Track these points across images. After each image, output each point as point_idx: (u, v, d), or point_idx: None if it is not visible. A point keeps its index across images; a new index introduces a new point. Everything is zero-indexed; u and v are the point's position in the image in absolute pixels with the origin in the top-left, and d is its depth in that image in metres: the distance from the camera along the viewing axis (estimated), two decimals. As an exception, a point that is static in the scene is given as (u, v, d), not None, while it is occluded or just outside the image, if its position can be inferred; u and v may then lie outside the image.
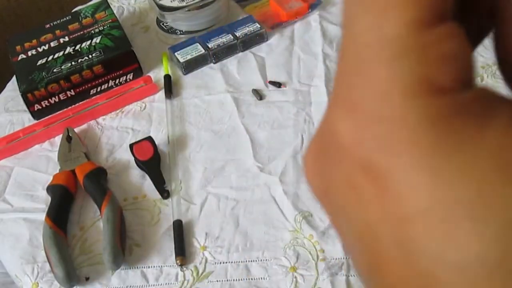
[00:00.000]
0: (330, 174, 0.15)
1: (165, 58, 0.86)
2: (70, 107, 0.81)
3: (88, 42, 0.85)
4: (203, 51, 0.83)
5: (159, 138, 0.73)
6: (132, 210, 0.66)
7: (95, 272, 0.60)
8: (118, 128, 0.77)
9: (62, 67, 0.81)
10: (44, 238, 0.61)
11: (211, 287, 0.57)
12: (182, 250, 0.60)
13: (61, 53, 0.84)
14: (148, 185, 0.68)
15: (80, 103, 0.82)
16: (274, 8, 0.92)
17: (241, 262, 0.59)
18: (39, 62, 0.83)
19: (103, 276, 0.59)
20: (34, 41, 0.88)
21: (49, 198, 0.66)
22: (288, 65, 0.81)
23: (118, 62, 0.82)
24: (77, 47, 0.85)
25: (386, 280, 0.14)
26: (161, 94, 0.81)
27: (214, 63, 0.84)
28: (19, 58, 0.85)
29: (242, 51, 0.85)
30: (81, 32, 0.88)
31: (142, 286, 0.58)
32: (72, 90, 0.81)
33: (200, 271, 0.59)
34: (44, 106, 0.80)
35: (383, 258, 0.14)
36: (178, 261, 0.59)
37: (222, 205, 0.64)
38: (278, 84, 0.78)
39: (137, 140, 0.72)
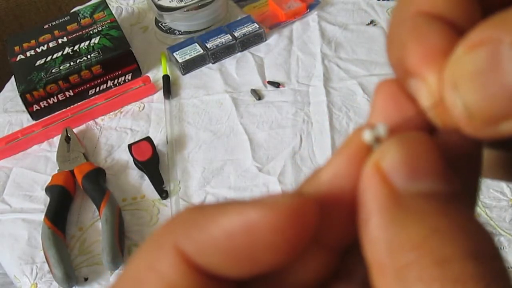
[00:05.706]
0: None
1: (163, 59, 0.86)
2: (68, 108, 0.81)
3: (87, 43, 0.85)
4: (202, 51, 0.83)
5: (158, 139, 0.73)
6: (131, 210, 0.66)
7: (94, 273, 0.60)
8: (117, 128, 0.77)
9: (61, 67, 0.81)
10: (42, 238, 0.61)
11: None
12: (181, 250, 0.60)
13: (59, 53, 0.84)
14: (146, 186, 0.68)
15: (79, 103, 0.82)
16: (272, 8, 0.92)
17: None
18: (38, 63, 0.83)
19: (102, 277, 0.59)
20: (33, 41, 0.88)
21: (48, 199, 0.66)
22: (287, 65, 0.81)
23: (117, 63, 0.82)
24: (76, 47, 0.84)
25: None
26: (160, 94, 0.81)
27: (213, 63, 0.84)
28: (18, 58, 0.85)
29: (240, 51, 0.85)
30: (80, 33, 0.88)
31: (141, 287, 0.58)
32: (70, 91, 0.81)
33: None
34: (42, 106, 0.80)
35: None
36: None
37: (221, 205, 0.64)
38: (276, 84, 0.78)
39: (136, 140, 0.72)
